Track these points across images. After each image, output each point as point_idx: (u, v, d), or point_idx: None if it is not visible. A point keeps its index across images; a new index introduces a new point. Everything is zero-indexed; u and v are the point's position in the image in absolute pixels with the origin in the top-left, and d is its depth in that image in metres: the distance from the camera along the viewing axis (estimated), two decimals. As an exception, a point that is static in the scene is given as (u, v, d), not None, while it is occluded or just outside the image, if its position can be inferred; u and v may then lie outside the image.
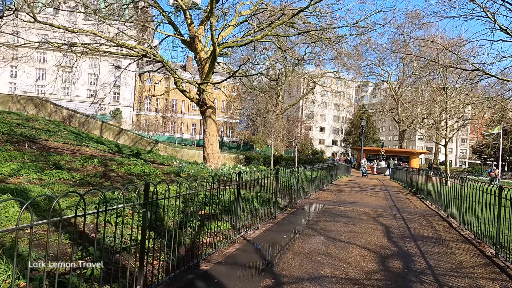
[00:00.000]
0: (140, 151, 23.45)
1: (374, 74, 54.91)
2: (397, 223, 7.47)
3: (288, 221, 7.14)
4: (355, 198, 11.60)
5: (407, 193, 14.38)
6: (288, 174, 8.73)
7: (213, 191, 5.11)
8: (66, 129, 22.13)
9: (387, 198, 12.06)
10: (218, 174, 12.42)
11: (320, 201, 10.39)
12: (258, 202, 6.90)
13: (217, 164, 13.94)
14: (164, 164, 17.31)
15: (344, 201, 10.56)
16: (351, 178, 23.48)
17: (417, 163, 45.68)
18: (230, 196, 6.76)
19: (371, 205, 9.97)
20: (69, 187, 8.07)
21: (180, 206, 7.02)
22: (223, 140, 69.10)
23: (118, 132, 26.59)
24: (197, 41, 14.29)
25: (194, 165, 14.55)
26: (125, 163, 14.10)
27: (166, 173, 12.34)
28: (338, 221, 7.37)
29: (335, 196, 11.78)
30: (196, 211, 5.47)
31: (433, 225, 7.53)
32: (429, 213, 9.18)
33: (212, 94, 14.54)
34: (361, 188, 15.48)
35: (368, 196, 12.39)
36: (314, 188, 12.68)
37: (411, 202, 11.24)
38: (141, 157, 19.50)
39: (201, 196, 5.49)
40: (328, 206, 9.49)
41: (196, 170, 12.91)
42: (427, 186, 11.86)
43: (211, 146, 14.13)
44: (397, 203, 10.86)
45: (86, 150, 17.30)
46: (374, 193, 13.53)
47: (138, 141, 27.12)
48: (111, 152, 18.77)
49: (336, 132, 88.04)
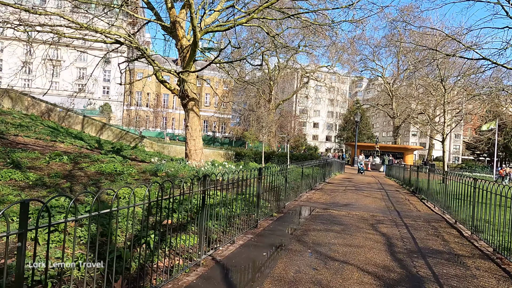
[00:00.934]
0: (124, 147, 22.17)
1: (368, 68, 53.97)
2: (400, 232, 6.40)
3: (272, 231, 6.03)
4: (350, 199, 10.54)
5: (406, 193, 13.37)
6: (275, 173, 7.61)
7: (183, 196, 3.98)
8: (43, 124, 20.75)
9: (385, 199, 11.02)
10: (199, 173, 11.27)
11: (312, 203, 9.30)
12: (235, 209, 5.78)
13: (200, 161, 12.77)
14: (145, 161, 16.10)
15: (338, 203, 9.49)
16: (345, 175, 22.49)
17: (411, 159, 45.03)
18: (199, 202, 5.62)
19: (368, 208, 8.91)
20: (16, 190, 6.85)
21: (140, 215, 5.88)
22: (215, 136, 67.87)
23: (101, 127, 25.23)
24: (178, 27, 13.04)
25: (176, 162, 13.36)
26: (100, 160, 12.88)
27: (142, 172, 11.15)
28: (331, 230, 6.28)
29: (328, 197, 10.70)
30: (159, 221, 4.34)
31: (441, 234, 6.47)
32: (433, 218, 8.14)
33: (195, 85, 13.32)
34: (356, 187, 14.45)
35: (364, 196, 11.34)
36: (306, 187, 11.61)
37: (412, 204, 10.21)
38: (122, 153, 18.26)
39: (167, 202, 4.34)
40: (320, 209, 8.40)
41: (176, 168, 11.74)
42: (428, 186, 10.84)
43: (193, 142, 12.94)
44: (396, 205, 9.82)
45: (61, 146, 16.01)
46: (370, 193, 12.49)
47: (123, 136, 25.79)
48: (89, 149, 17.48)
49: (330, 128, 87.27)
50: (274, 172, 7.52)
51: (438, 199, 9.84)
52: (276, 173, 7.65)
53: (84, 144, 18.32)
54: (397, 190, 14.04)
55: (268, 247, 5.08)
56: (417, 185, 13.20)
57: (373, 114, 78.61)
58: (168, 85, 12.99)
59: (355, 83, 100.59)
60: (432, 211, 9.13)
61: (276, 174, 7.64)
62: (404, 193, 13.29)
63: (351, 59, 47.08)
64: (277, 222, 6.73)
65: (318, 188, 13.09)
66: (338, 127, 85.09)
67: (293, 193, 9.66)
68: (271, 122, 28.95)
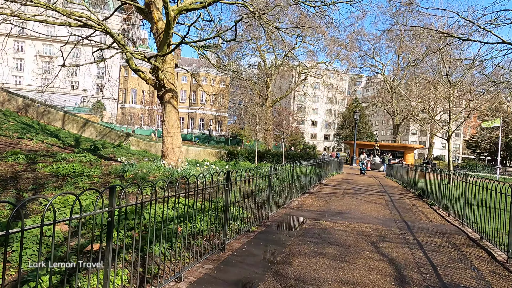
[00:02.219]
0: (105, 145, 20.60)
1: (367, 65, 52.51)
2: (414, 256, 4.85)
3: (243, 256, 4.47)
4: (348, 205, 8.99)
5: (411, 197, 11.83)
6: (253, 177, 6.06)
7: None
8: (16, 120, 19.15)
9: (389, 205, 9.47)
10: (173, 174, 9.70)
11: (303, 212, 7.75)
12: (188, 228, 4.24)
13: (178, 161, 11.19)
14: (123, 160, 14.57)
15: (334, 211, 7.94)
16: (343, 176, 20.96)
17: (412, 159, 43.61)
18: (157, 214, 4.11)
19: (369, 218, 7.36)
20: None
21: (62, 236, 4.32)
22: (211, 134, 66.34)
23: (83, 124, 23.61)
24: (154, 9, 11.46)
25: (149, 162, 11.79)
26: (66, 160, 11.34)
27: (107, 174, 9.58)
28: (322, 253, 4.73)
29: (323, 203, 9.15)
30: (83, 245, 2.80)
31: (468, 258, 4.93)
32: (451, 232, 6.60)
33: (173, 75, 11.74)
34: (355, 190, 12.91)
35: (365, 202, 9.79)
36: (297, 191, 10.06)
37: (421, 212, 8.66)
38: (99, 152, 16.70)
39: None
40: (311, 220, 6.85)
41: (148, 169, 10.18)
42: (440, 189, 9.30)
43: (170, 139, 11.36)
44: (403, 213, 8.28)
45: (28, 144, 14.42)
46: (371, 197, 10.95)
47: (107, 134, 24.19)
48: (62, 147, 15.90)
49: (328, 126, 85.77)
50: (251, 176, 5.96)
51: (452, 206, 8.32)
52: (253, 178, 6.09)
53: (58, 142, 16.74)
54: (401, 194, 12.50)
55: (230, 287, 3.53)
56: (424, 188, 11.67)
57: (372, 112, 77.13)
58: (143, 74, 11.40)
59: (354, 81, 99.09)
60: (447, 222, 7.59)
61: (253, 180, 6.09)
62: (410, 197, 11.75)
63: (350, 55, 45.62)
64: (253, 241, 5.17)
65: (312, 192, 11.54)
66: (336, 126, 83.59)
67: (280, 199, 8.11)
68: (265, 119, 27.37)
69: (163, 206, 3.93)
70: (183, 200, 5.18)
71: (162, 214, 4.07)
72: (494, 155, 78.17)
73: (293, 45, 41.33)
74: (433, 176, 10.78)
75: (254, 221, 6.21)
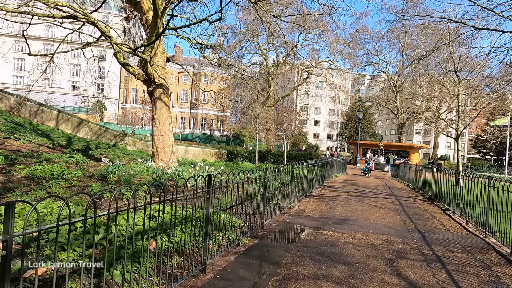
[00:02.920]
0: (100, 145, 19.85)
1: (371, 63, 51.55)
2: (436, 277, 3.99)
3: (226, 282, 3.62)
4: (354, 210, 8.12)
5: (421, 200, 10.93)
6: (244, 181, 5.22)
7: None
8: (7, 119, 18.42)
9: (399, 210, 8.59)
10: (161, 177, 8.87)
11: (303, 219, 6.90)
12: (164, 243, 3.41)
13: (169, 162, 10.36)
14: (112, 162, 13.78)
15: (338, 218, 7.08)
16: (347, 177, 20.07)
17: (417, 158, 42.63)
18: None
19: (379, 227, 6.50)
20: None
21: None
22: (212, 134, 65.62)
23: (78, 124, 22.87)
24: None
25: (138, 163, 10.98)
26: (51, 161, 10.60)
27: (89, 176, 8.77)
28: (325, 275, 3.88)
29: (326, 208, 8.29)
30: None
31: (503, 280, 4.06)
32: (474, 245, 5.72)
33: (164, 69, 10.91)
34: (361, 192, 12.03)
35: (372, 206, 8.92)
36: (298, 195, 9.22)
37: (435, 219, 7.78)
38: (91, 152, 15.95)
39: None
40: (312, 229, 6.00)
41: (136, 170, 9.36)
42: (455, 193, 8.40)
43: (161, 138, 10.53)
44: (416, 220, 7.40)
45: (13, 144, 13.66)
46: (379, 201, 10.07)
47: (102, 134, 23.45)
48: (51, 147, 15.14)
49: (331, 126, 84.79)
50: (242, 180, 5.12)
51: (469, 211, 7.44)
52: (246, 181, 5.25)
53: (47, 142, 15.99)
54: (410, 197, 11.60)
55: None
56: (435, 190, 10.77)
57: (376, 111, 76.01)
58: (131, 69, 10.58)
59: (357, 80, 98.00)
60: (466, 230, 6.71)
61: (245, 182, 5.24)
62: (420, 200, 10.85)
63: (353, 53, 44.70)
64: (243, 258, 4.33)
65: (314, 195, 10.68)
66: (339, 125, 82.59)
67: (278, 204, 7.26)
68: (266, 118, 26.50)
69: (128, 218, 3.10)
70: (166, 209, 4.37)
71: (134, 226, 3.24)
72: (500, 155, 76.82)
73: (295, 43, 40.51)
74: (444, 177, 9.90)
75: (246, 231, 5.37)
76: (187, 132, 66.90)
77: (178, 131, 66.18)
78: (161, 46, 10.87)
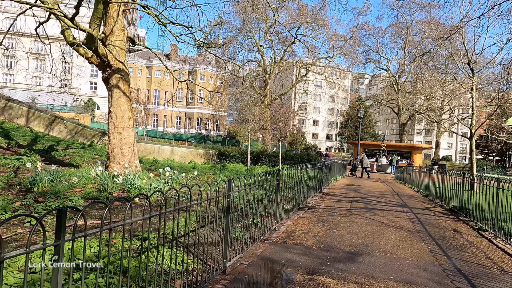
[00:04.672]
0: (73, 145, 17.76)
1: (372, 61, 49.54)
2: None
3: None
4: (361, 233, 6.04)
5: (442, 214, 8.84)
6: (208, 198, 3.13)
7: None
8: (-36, 116, 16.35)
9: (420, 231, 6.49)
10: (107, 188, 6.74)
11: (289, 250, 4.82)
12: None
13: (125, 166, 8.22)
14: (79, 165, 11.72)
15: (340, 249, 5.01)
16: (348, 180, 18.01)
17: (420, 159, 40.64)
18: None
19: (401, 266, 4.42)
20: None
21: None
22: (208, 134, 63.50)
23: (51, 121, 20.75)
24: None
25: (85, 169, 8.87)
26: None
27: (11, 185, 6.68)
28: None
29: (323, 229, 6.22)
30: None
31: None
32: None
33: (123, 50, 8.81)
34: (366, 202, 9.95)
35: (383, 225, 6.82)
36: (288, 207, 7.14)
37: (473, 245, 5.68)
38: (54, 153, 13.85)
39: None
40: (303, 274, 3.92)
41: (80, 177, 7.26)
42: (497, 206, 6.30)
43: (118, 137, 8.42)
44: (447, 249, 5.32)
45: (-45, 143, 11.59)
46: (390, 215, 7.99)
47: (79, 132, 21.34)
48: (5, 147, 13.05)
49: (330, 126, 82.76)
50: (195, 201, 3.02)
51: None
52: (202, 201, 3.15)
53: (3, 141, 13.90)
54: (426, 208, 9.51)
55: None
56: (459, 200, 8.70)
57: (376, 111, 73.94)
58: (83, 50, 8.45)
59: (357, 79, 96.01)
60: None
61: (207, 200, 3.14)
62: (441, 214, 8.76)
63: (353, 50, 42.65)
64: None
65: (309, 206, 8.61)
66: (339, 125, 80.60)
67: (254, 229, 5.18)
68: (260, 115, 24.40)
69: None
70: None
71: None
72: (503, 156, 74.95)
73: (293, 39, 38.50)
74: (485, 189, 7.84)
75: (209, 273, 3.29)
76: (182, 132, 64.84)
77: (173, 130, 64.09)
78: (119, 22, 8.77)
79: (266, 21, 36.89)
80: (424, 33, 41.72)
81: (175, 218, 3.08)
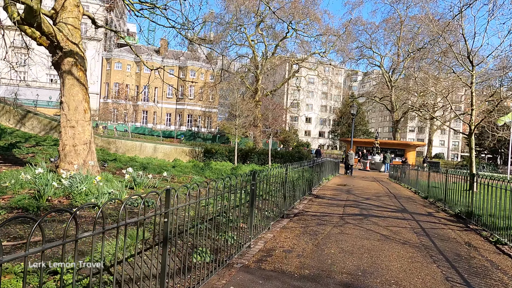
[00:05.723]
0: (45, 142, 16.39)
1: (365, 57, 48.51)
2: None
3: None
4: (357, 252, 4.87)
5: (448, 220, 7.73)
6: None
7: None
8: None
9: (428, 247, 5.34)
10: (44, 194, 5.46)
11: (263, 279, 3.61)
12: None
13: (76, 168, 6.93)
14: (33, 163, 10.37)
15: (331, 277, 3.82)
16: (340, 180, 16.91)
17: (413, 157, 39.86)
18: None
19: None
20: None
21: None
22: (199, 131, 62.04)
23: (23, 116, 19.27)
24: None
25: (29, 169, 7.57)
26: None
27: None
28: None
29: (309, 245, 5.03)
30: None
31: None
32: None
33: (78, 30, 7.49)
34: (361, 207, 8.80)
35: (383, 238, 5.67)
36: (270, 215, 5.95)
37: (495, 266, 4.54)
38: (14, 151, 12.50)
39: None
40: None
41: (18, 180, 5.98)
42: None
43: (71, 132, 7.12)
44: (466, 273, 4.18)
45: None
46: (390, 224, 6.85)
47: (54, 127, 19.88)
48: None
49: (323, 123, 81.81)
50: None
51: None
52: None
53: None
54: (429, 214, 8.39)
55: None
56: (468, 205, 7.60)
57: (369, 108, 73.16)
58: (30, 30, 7.11)
59: (350, 76, 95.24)
60: None
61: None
62: (446, 221, 7.64)
63: (346, 45, 41.54)
64: None
65: (295, 213, 7.42)
66: (332, 122, 79.74)
67: (229, 241, 3.95)
68: (248, 111, 23.14)
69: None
70: None
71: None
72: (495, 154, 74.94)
73: (285, 34, 37.28)
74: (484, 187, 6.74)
75: None
76: (172, 129, 63.27)
77: (164, 127, 62.47)
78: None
79: (257, 13, 35.58)
80: (418, 29, 40.90)
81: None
